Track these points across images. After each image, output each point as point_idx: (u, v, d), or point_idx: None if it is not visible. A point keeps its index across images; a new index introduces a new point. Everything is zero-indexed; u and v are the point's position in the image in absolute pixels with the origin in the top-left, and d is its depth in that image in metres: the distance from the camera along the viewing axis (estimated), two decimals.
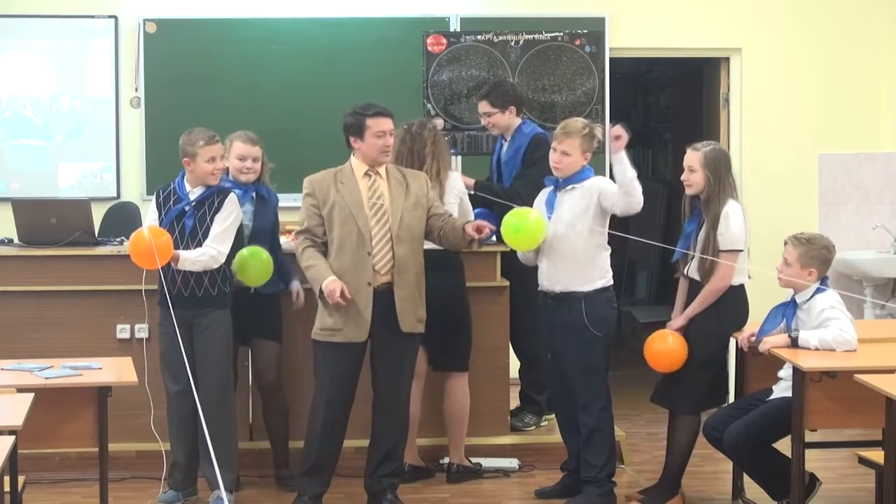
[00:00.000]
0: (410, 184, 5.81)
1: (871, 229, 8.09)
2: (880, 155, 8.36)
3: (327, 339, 5.73)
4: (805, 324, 5.52)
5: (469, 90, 8.38)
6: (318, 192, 5.78)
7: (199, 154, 5.77)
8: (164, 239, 5.61)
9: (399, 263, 5.71)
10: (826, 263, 5.57)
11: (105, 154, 8.33)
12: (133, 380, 5.23)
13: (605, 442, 5.94)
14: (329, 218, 5.75)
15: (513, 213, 5.80)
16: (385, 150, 5.77)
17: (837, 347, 5.38)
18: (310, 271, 5.74)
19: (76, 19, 8.30)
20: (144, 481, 6.20)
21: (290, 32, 8.33)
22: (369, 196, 5.74)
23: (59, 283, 6.49)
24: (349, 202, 5.72)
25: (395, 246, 5.70)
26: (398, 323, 5.70)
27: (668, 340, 5.79)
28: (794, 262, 5.55)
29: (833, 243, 5.63)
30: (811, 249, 5.54)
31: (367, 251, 5.67)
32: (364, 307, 5.68)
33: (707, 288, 5.71)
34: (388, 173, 5.82)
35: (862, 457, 5.43)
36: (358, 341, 5.71)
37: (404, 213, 5.74)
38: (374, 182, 5.77)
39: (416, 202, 5.78)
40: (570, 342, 5.85)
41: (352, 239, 5.69)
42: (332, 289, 5.60)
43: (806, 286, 5.53)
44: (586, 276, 5.83)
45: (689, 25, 8.55)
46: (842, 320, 5.45)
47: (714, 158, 5.75)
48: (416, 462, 6.39)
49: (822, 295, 5.52)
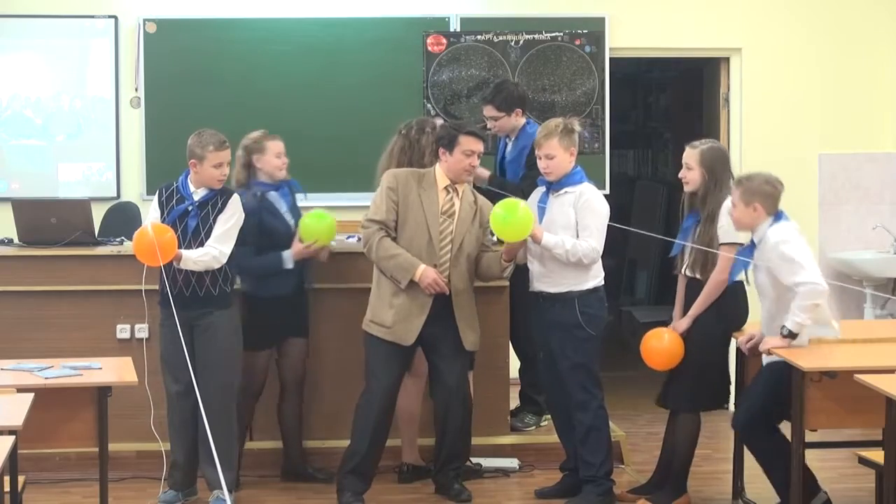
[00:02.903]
0: (480, 209, 5.95)
1: (871, 229, 8.08)
2: (880, 155, 8.36)
3: (377, 334, 5.87)
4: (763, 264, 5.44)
5: (469, 90, 8.38)
6: (402, 188, 5.88)
7: (207, 158, 5.77)
8: (168, 236, 5.62)
9: (455, 282, 5.85)
10: (770, 198, 5.47)
11: (105, 154, 8.33)
12: (133, 380, 5.23)
13: (602, 440, 5.96)
14: (403, 217, 5.85)
15: (501, 203, 5.81)
16: (468, 170, 5.91)
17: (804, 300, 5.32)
18: (395, 260, 5.82)
19: (76, 19, 8.30)
20: (144, 481, 6.20)
21: (290, 32, 8.32)
22: (443, 210, 5.85)
23: (59, 283, 6.49)
24: (427, 210, 5.84)
25: (452, 269, 5.84)
26: (458, 338, 5.89)
27: (664, 338, 5.80)
28: (738, 202, 5.50)
29: (778, 178, 5.52)
30: (750, 185, 5.48)
31: (433, 262, 5.80)
32: (418, 315, 5.81)
33: (709, 282, 5.71)
34: (464, 194, 5.93)
35: (862, 457, 5.43)
36: (405, 344, 5.84)
37: (467, 236, 5.88)
38: (451, 198, 5.90)
39: (479, 229, 5.94)
40: (565, 342, 5.88)
41: (421, 246, 5.81)
42: (432, 277, 5.75)
43: (756, 225, 5.46)
44: (579, 277, 5.86)
45: (689, 25, 8.55)
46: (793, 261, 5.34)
47: (710, 156, 5.77)
48: (416, 462, 6.39)
49: (773, 229, 5.44)
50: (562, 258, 5.79)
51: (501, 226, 5.76)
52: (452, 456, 6.08)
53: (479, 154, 5.91)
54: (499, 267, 5.93)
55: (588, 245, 5.80)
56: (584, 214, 5.83)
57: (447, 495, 6.08)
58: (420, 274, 5.77)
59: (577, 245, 5.79)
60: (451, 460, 6.09)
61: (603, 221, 5.87)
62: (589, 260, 5.82)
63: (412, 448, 6.35)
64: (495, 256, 5.94)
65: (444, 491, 6.10)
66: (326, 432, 6.51)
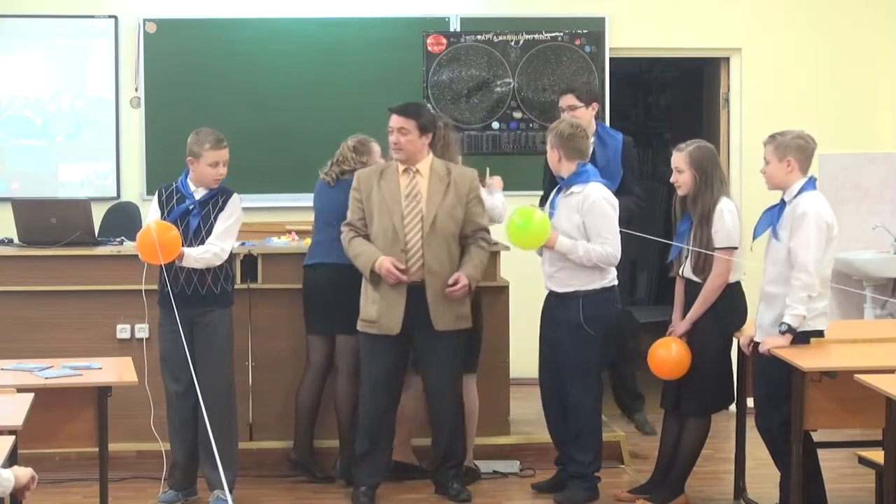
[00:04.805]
0: (454, 180, 5.91)
1: (871, 229, 8.07)
2: (880, 155, 8.35)
3: (365, 329, 5.90)
4: (786, 227, 5.39)
5: (469, 90, 8.39)
6: (363, 186, 5.94)
7: (204, 156, 5.77)
8: (171, 234, 5.61)
9: (429, 263, 5.81)
10: (803, 151, 5.43)
11: (105, 154, 8.33)
12: (133, 380, 5.22)
13: (594, 439, 5.98)
14: (369, 212, 5.90)
15: (517, 211, 5.82)
16: (391, 146, 5.91)
17: (799, 293, 5.29)
18: (359, 259, 5.88)
19: (76, 19, 8.30)
20: (144, 481, 6.20)
21: (290, 32, 8.33)
22: (406, 194, 5.85)
23: (59, 283, 6.49)
24: (387, 198, 5.86)
25: (424, 245, 5.80)
26: (432, 322, 5.83)
27: (672, 348, 5.77)
28: (771, 157, 5.46)
29: (811, 136, 5.48)
30: (783, 140, 5.45)
31: (400, 248, 5.80)
32: (397, 302, 5.82)
33: (706, 286, 5.70)
34: (432, 170, 5.91)
35: (862, 457, 5.43)
36: (392, 334, 5.84)
37: (439, 213, 5.85)
38: (412, 179, 5.88)
39: (456, 202, 5.88)
40: (567, 340, 5.89)
41: (387, 235, 5.83)
42: (386, 267, 5.75)
43: (789, 183, 5.42)
44: (587, 278, 5.86)
45: (689, 25, 8.55)
46: (808, 246, 5.28)
47: (699, 156, 5.73)
48: (408, 460, 6.38)
49: (807, 195, 5.39)
50: (577, 262, 5.81)
51: (518, 234, 5.79)
52: (447, 456, 6.09)
53: (397, 129, 5.85)
54: None
55: (605, 251, 5.80)
56: (593, 219, 5.82)
57: (446, 495, 6.09)
58: (378, 265, 5.79)
59: (591, 250, 5.79)
60: (447, 460, 6.09)
61: (614, 224, 5.87)
62: (605, 264, 5.84)
63: (405, 446, 6.36)
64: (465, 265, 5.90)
65: (443, 491, 6.12)
66: (332, 432, 6.47)
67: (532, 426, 6.85)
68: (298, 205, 7.91)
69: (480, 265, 5.96)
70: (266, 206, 8.11)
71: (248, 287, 6.48)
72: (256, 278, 6.54)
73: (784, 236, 5.40)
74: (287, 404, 6.43)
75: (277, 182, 8.24)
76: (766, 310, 5.48)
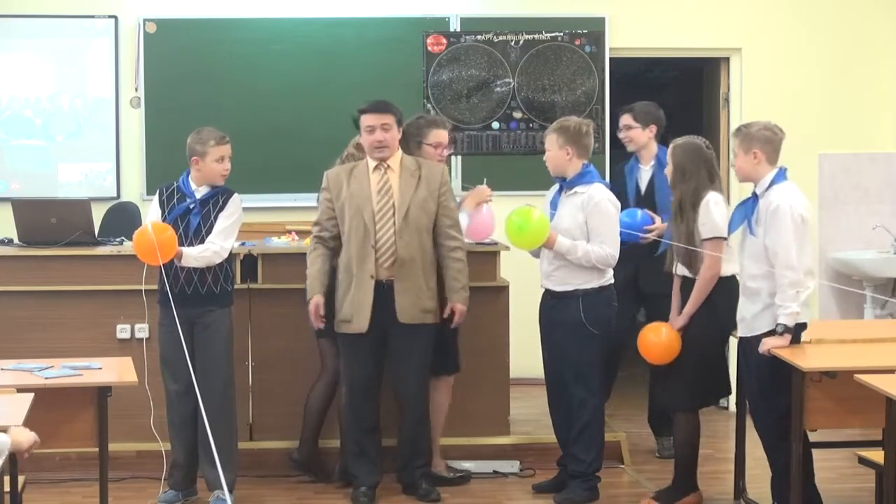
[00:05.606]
0: (424, 175, 5.90)
1: (871, 229, 8.06)
2: (880, 155, 8.34)
3: (339, 329, 5.92)
4: (761, 222, 5.38)
5: (469, 90, 8.39)
6: (333, 186, 5.95)
7: (209, 153, 5.78)
8: (167, 234, 5.62)
9: (401, 256, 5.81)
10: (769, 143, 5.43)
11: (105, 154, 8.34)
12: (133, 380, 5.22)
13: (596, 438, 5.98)
14: (341, 211, 5.90)
15: (516, 211, 5.82)
16: (374, 146, 5.86)
17: (788, 290, 5.27)
18: (307, 279, 5.94)
19: (76, 19, 8.31)
20: (144, 481, 6.20)
21: (290, 32, 8.33)
22: (378, 189, 5.84)
23: (59, 283, 6.49)
24: (357, 196, 5.86)
25: (397, 240, 5.79)
26: (396, 315, 5.82)
27: (662, 332, 5.79)
28: (738, 149, 5.47)
29: (778, 126, 5.49)
30: (749, 132, 5.45)
31: (370, 244, 5.80)
32: (366, 299, 5.82)
33: (699, 279, 5.69)
34: (402, 166, 5.90)
35: (862, 457, 5.42)
36: (361, 332, 5.84)
37: (411, 207, 5.85)
38: (383, 175, 5.88)
39: (428, 195, 5.88)
40: (568, 339, 5.89)
41: (358, 232, 5.83)
42: (312, 305, 5.85)
43: (759, 175, 5.42)
44: (585, 277, 5.86)
45: (689, 25, 8.55)
46: (789, 245, 5.27)
47: (681, 150, 5.73)
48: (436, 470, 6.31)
49: (778, 188, 5.39)
50: (575, 263, 5.81)
51: (517, 234, 5.79)
52: (413, 455, 6.04)
53: (380, 127, 5.83)
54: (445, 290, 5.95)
55: (604, 252, 5.80)
56: (596, 220, 5.83)
57: (415, 495, 6.04)
58: (310, 304, 5.87)
59: (591, 251, 5.79)
60: (413, 459, 6.05)
61: (614, 226, 5.88)
62: (604, 265, 5.84)
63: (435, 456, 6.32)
64: (448, 281, 5.90)
65: (411, 490, 6.07)
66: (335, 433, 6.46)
67: (532, 426, 6.85)
68: (298, 205, 7.92)
69: (465, 284, 5.96)
70: (266, 206, 8.11)
71: (248, 287, 6.49)
72: (256, 278, 6.55)
73: (759, 231, 5.40)
74: (287, 404, 6.43)
75: (277, 182, 8.24)
76: (748, 304, 5.49)
